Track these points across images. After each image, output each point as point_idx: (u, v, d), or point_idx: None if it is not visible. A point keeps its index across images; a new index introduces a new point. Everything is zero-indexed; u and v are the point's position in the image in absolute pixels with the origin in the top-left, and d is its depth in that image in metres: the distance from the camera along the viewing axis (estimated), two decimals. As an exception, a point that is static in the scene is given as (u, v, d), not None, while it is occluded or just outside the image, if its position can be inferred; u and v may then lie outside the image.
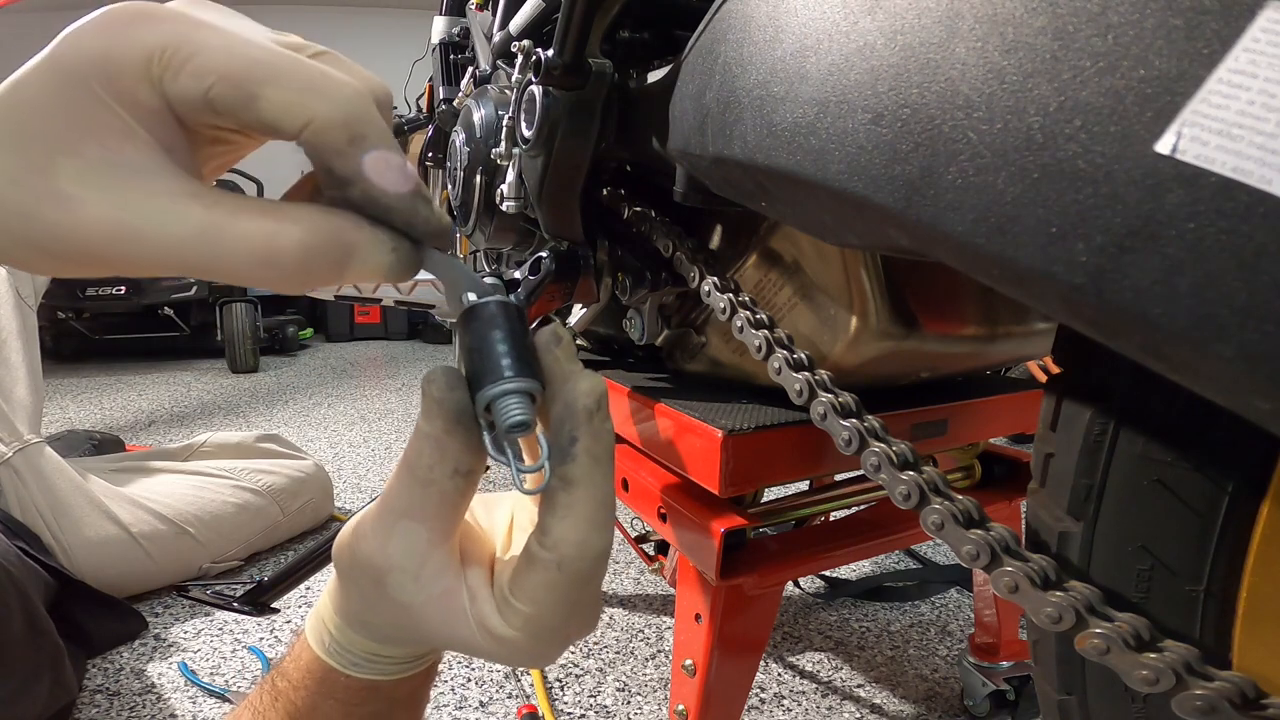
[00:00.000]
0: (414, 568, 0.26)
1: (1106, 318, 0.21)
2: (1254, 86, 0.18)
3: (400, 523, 0.26)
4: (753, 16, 0.34)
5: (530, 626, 0.26)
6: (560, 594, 0.25)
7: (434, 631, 0.27)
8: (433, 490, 0.25)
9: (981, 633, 0.80)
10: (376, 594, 0.27)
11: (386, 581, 0.26)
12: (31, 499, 0.96)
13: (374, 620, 0.28)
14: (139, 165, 0.18)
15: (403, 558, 0.26)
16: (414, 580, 0.26)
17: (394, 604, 0.27)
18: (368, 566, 0.26)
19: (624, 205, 0.57)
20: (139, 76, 0.18)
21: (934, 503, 0.32)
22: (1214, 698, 0.25)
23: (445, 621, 0.26)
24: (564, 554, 0.25)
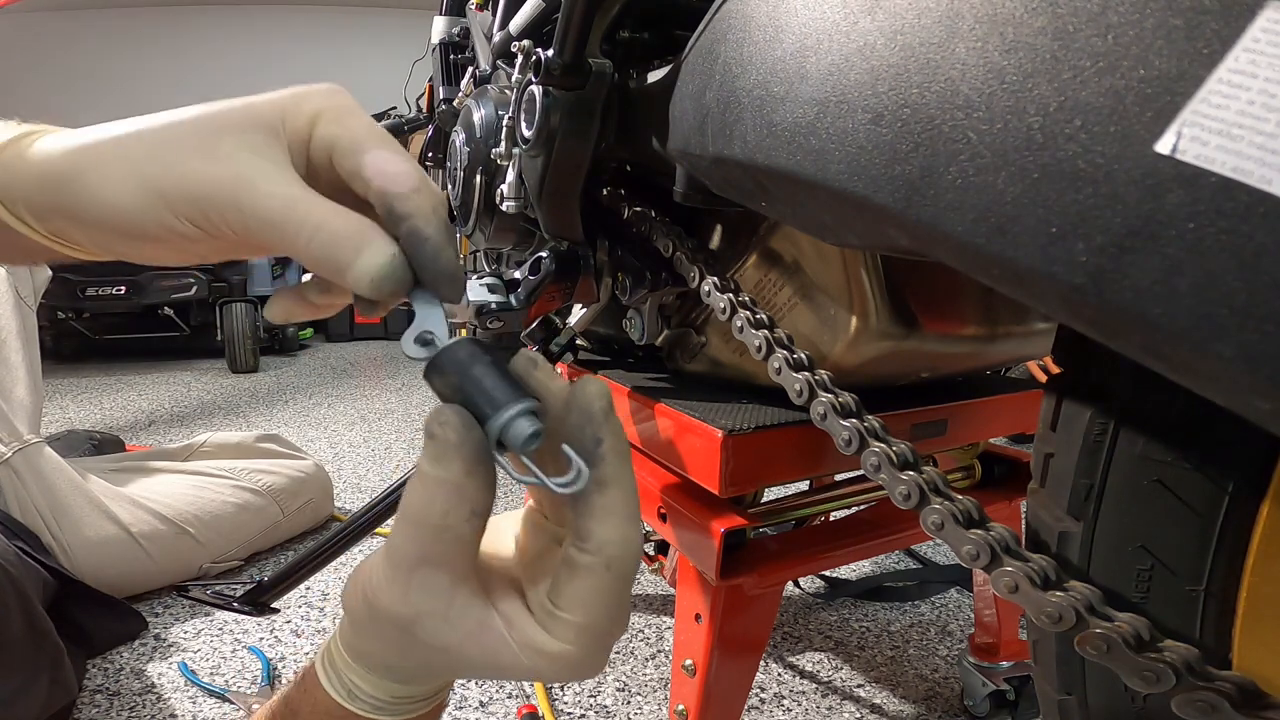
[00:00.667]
0: (442, 610, 0.25)
1: (1106, 318, 0.21)
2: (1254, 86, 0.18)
3: (417, 573, 0.25)
4: (753, 16, 0.34)
5: (583, 636, 0.26)
6: (612, 596, 0.26)
7: (474, 665, 0.26)
8: (448, 536, 0.25)
9: (981, 633, 0.80)
10: (406, 641, 0.26)
11: (415, 630, 0.26)
12: (31, 499, 0.95)
13: (405, 664, 0.28)
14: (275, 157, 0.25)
15: (428, 604, 0.25)
16: (445, 622, 0.26)
17: (427, 648, 0.26)
18: (392, 618, 0.26)
19: (624, 205, 0.57)
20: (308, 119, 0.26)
21: (934, 503, 0.32)
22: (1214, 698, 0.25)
23: (485, 653, 0.26)
24: (611, 554, 0.25)
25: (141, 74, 4.16)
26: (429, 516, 0.24)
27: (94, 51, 4.07)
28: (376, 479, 1.57)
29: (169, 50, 4.18)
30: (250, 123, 0.25)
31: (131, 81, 4.14)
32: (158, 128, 0.25)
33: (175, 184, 0.24)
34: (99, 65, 4.08)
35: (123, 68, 4.13)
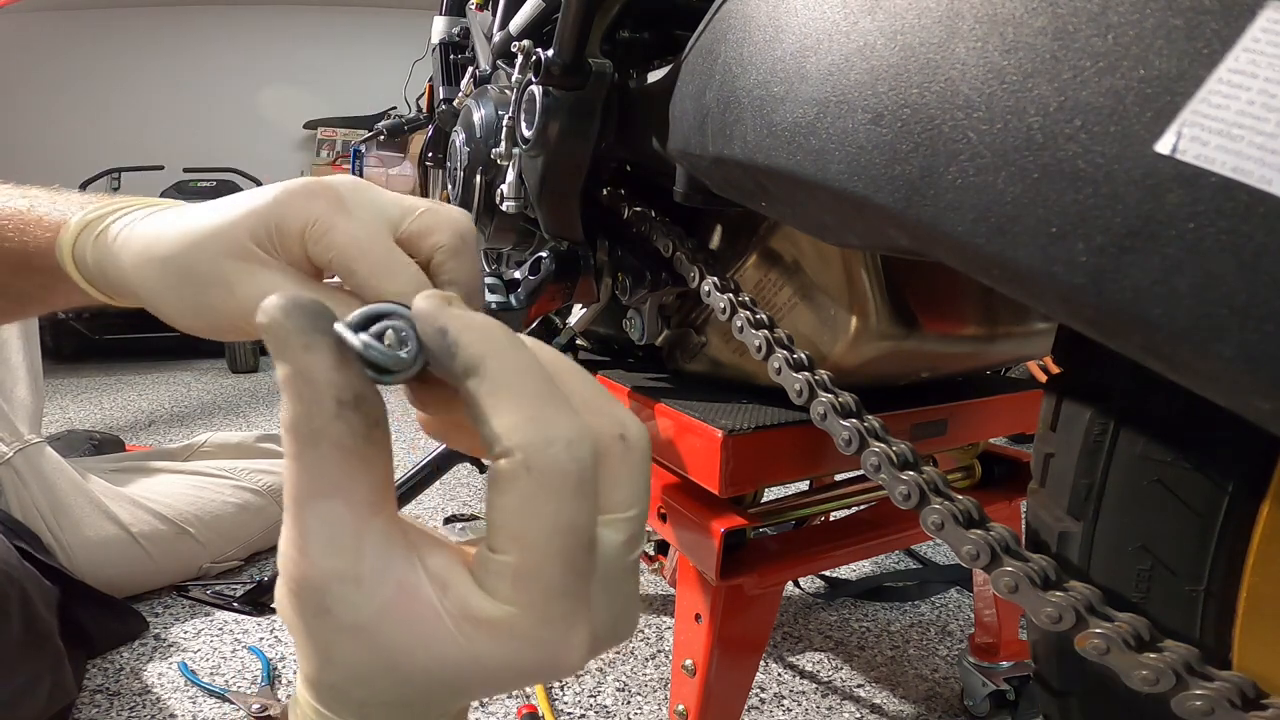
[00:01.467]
0: (349, 564, 0.19)
1: (1106, 318, 0.21)
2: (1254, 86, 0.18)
3: (307, 509, 0.19)
4: (753, 16, 0.34)
5: (523, 585, 0.19)
6: (544, 511, 0.19)
7: (403, 659, 0.20)
8: (324, 445, 0.19)
9: (981, 633, 0.80)
10: (328, 630, 0.20)
11: (330, 604, 0.19)
12: (32, 499, 0.95)
13: (341, 675, 0.21)
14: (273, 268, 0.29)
15: (328, 554, 0.19)
16: (355, 584, 0.19)
17: (349, 636, 0.20)
18: (306, 594, 0.20)
19: (624, 205, 0.57)
20: (296, 237, 0.28)
21: (934, 503, 0.32)
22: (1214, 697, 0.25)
23: (412, 635, 0.19)
24: (519, 445, 0.19)
25: (141, 74, 4.15)
26: (297, 429, 0.19)
27: (94, 51, 4.07)
28: (376, 479, 1.58)
29: (169, 50, 4.17)
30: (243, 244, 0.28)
31: (132, 81, 4.14)
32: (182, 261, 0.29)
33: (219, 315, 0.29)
34: (99, 65, 4.08)
35: (123, 68, 4.13)
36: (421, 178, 1.59)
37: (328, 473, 0.19)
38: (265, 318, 0.19)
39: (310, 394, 0.19)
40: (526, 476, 0.19)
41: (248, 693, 0.82)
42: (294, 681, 0.85)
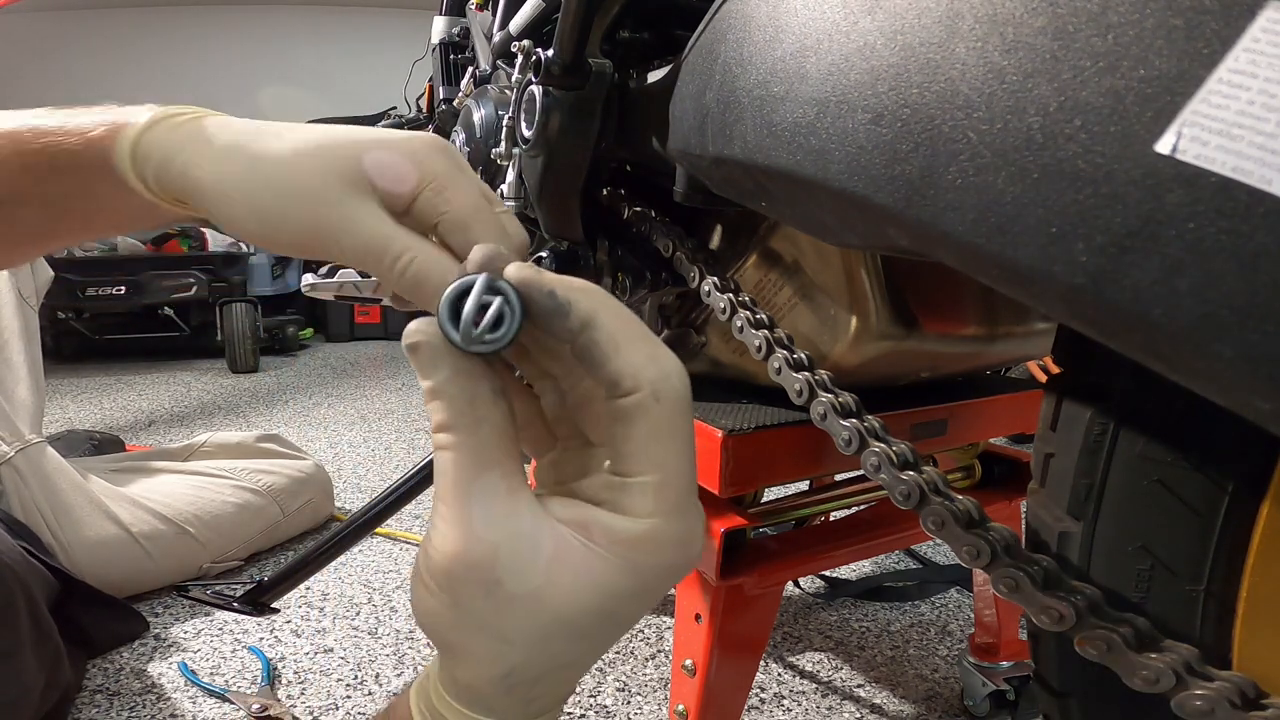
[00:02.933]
0: (513, 529, 0.22)
1: (1106, 318, 0.21)
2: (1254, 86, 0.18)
3: (473, 488, 0.22)
4: (753, 16, 0.34)
5: (663, 495, 0.23)
6: (673, 432, 0.23)
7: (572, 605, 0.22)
8: (485, 427, 0.23)
9: (981, 633, 0.80)
10: (498, 606, 0.22)
11: (499, 575, 0.22)
12: (33, 499, 0.95)
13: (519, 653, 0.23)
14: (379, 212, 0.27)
15: (497, 527, 0.22)
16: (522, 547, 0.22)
17: (522, 605, 0.22)
18: (471, 571, 0.22)
19: (624, 205, 0.57)
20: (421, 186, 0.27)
21: (934, 503, 0.32)
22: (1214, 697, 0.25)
23: (578, 581, 0.22)
24: (650, 380, 0.22)
25: (141, 74, 4.16)
26: (457, 416, 0.23)
27: (94, 51, 4.07)
28: (376, 479, 1.57)
29: (169, 50, 4.18)
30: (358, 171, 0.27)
31: (132, 81, 4.14)
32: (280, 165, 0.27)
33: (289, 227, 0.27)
34: (99, 65, 4.08)
35: (123, 68, 4.13)
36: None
37: (488, 452, 0.23)
38: (418, 338, 0.23)
39: (472, 389, 0.23)
40: (657, 406, 0.22)
41: (248, 693, 0.82)
42: (287, 685, 0.85)
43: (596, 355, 0.23)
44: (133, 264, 2.93)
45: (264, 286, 3.50)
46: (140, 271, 2.89)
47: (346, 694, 0.83)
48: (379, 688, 0.85)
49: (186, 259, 3.04)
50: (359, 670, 0.88)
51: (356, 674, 0.87)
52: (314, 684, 0.85)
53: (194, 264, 3.00)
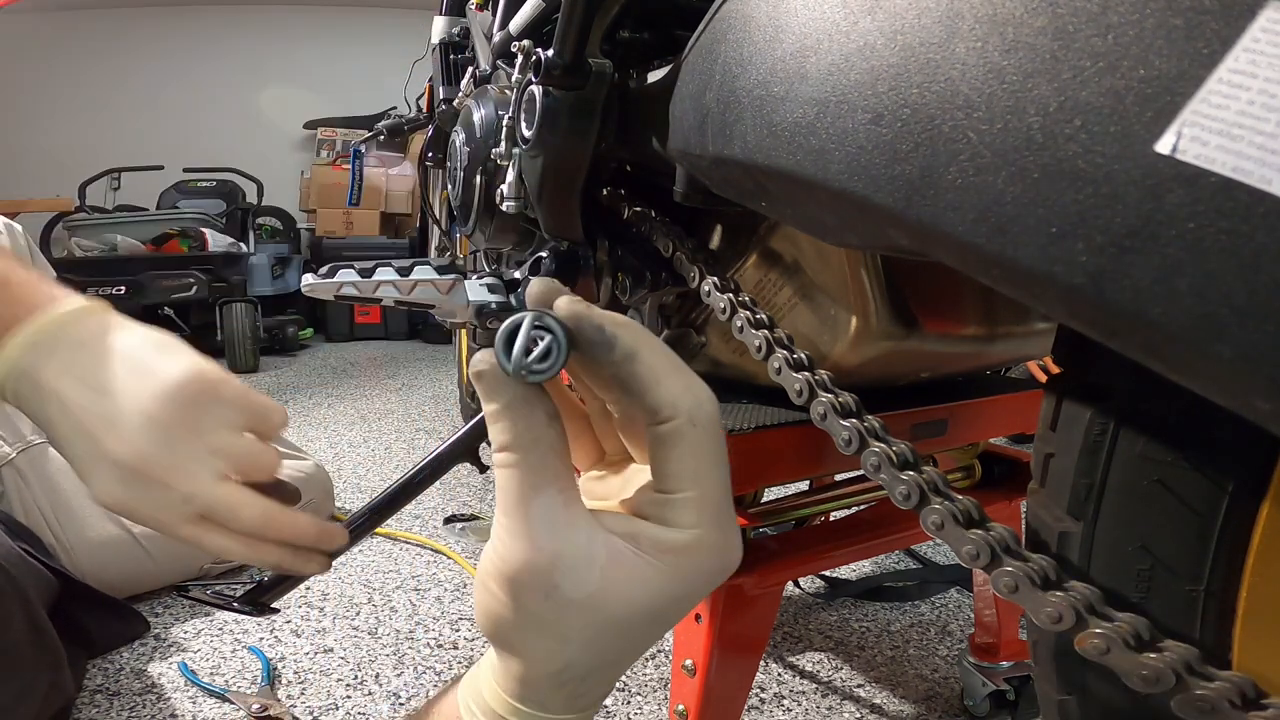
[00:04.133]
0: (569, 539, 0.25)
1: (1106, 318, 0.21)
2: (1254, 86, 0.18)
3: (533, 503, 0.25)
4: (753, 16, 0.34)
5: (703, 509, 0.26)
6: (708, 451, 0.26)
7: (624, 606, 0.25)
8: (541, 446, 0.25)
9: (981, 633, 0.80)
10: (556, 608, 0.25)
11: (558, 580, 0.25)
12: (34, 499, 0.96)
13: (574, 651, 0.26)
14: None
15: (556, 538, 0.25)
16: (578, 555, 0.25)
17: (577, 609, 0.25)
18: (531, 576, 0.25)
19: (624, 205, 0.57)
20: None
21: (934, 503, 0.32)
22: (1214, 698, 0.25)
23: (629, 585, 0.25)
24: (685, 408, 0.25)
25: (141, 74, 4.15)
26: (517, 438, 0.25)
27: (94, 51, 4.07)
28: (376, 479, 1.57)
29: (169, 50, 4.17)
30: None
31: (132, 81, 4.14)
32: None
33: None
34: (99, 65, 4.08)
35: (123, 68, 4.13)
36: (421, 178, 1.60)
37: (546, 469, 0.25)
38: (483, 367, 0.25)
39: (529, 413, 0.25)
40: (693, 430, 0.25)
41: (248, 693, 0.83)
42: (287, 685, 0.85)
43: (638, 386, 0.25)
44: (133, 264, 2.93)
45: (264, 286, 3.50)
46: (140, 271, 2.89)
47: (346, 694, 0.83)
48: (379, 688, 0.85)
49: (186, 259, 3.04)
50: (359, 670, 0.88)
51: (356, 674, 0.87)
52: (314, 684, 0.85)
53: (194, 264, 3.00)
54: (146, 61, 4.16)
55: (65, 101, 4.04)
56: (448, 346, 3.49)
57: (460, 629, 0.98)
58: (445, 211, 1.50)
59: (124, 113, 4.11)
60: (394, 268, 0.55)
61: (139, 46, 4.14)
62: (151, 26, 4.14)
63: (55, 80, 4.04)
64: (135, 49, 4.14)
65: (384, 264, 0.55)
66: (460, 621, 1.00)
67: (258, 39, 4.28)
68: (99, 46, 4.07)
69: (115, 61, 4.12)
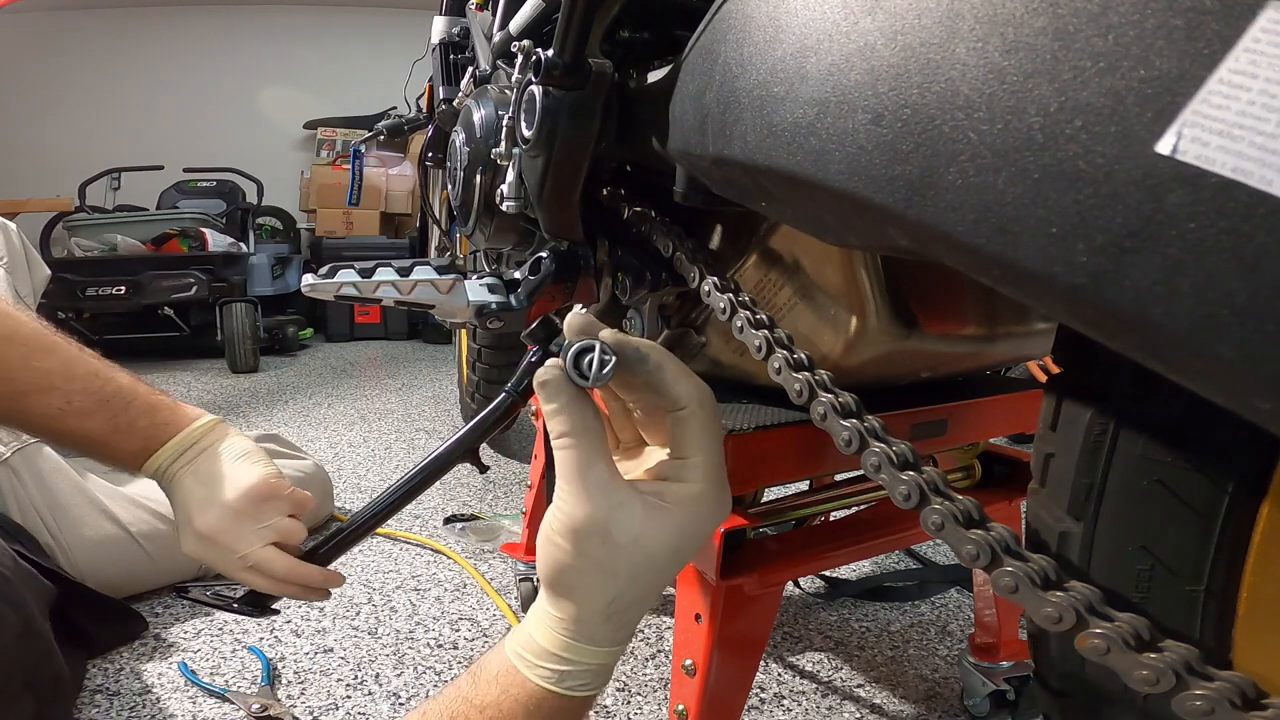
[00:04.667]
0: (616, 499, 0.34)
1: (1107, 318, 0.21)
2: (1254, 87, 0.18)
3: (588, 475, 0.34)
4: (753, 16, 0.34)
5: (708, 468, 0.36)
6: (711, 427, 0.37)
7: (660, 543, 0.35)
8: (591, 435, 0.35)
9: (981, 633, 0.80)
10: (609, 552, 0.34)
11: (611, 530, 0.34)
12: (30, 499, 0.95)
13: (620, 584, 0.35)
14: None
15: (605, 496, 0.34)
16: (624, 511, 0.34)
17: (626, 551, 0.34)
18: (591, 530, 0.34)
19: (624, 205, 0.57)
20: None
21: (934, 503, 0.32)
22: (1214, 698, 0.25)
23: (661, 526, 0.35)
24: (696, 397, 0.36)
25: (141, 74, 4.15)
26: (574, 427, 0.35)
27: (94, 51, 4.07)
28: (376, 479, 1.57)
29: (169, 50, 4.17)
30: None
31: (132, 81, 4.14)
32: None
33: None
34: (99, 65, 4.08)
35: (123, 68, 4.13)
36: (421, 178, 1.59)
37: (596, 449, 0.35)
38: (547, 377, 0.35)
39: (583, 410, 0.35)
40: (701, 413, 0.36)
41: (248, 693, 0.82)
42: (287, 685, 0.86)
43: (663, 386, 0.37)
44: (133, 264, 2.93)
45: (264, 286, 3.50)
46: (140, 271, 2.89)
47: (346, 694, 0.83)
48: (379, 688, 0.85)
49: (186, 259, 3.04)
50: (359, 670, 0.88)
51: (356, 674, 0.87)
52: (314, 684, 0.85)
53: (194, 264, 3.00)
54: (146, 61, 4.16)
55: (65, 101, 4.04)
56: (448, 346, 3.49)
57: (460, 629, 0.98)
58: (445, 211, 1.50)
59: (124, 113, 4.11)
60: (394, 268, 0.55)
61: (139, 46, 4.14)
62: (151, 26, 4.14)
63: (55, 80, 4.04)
64: (135, 49, 4.14)
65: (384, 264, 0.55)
66: (460, 621, 1.00)
67: (258, 39, 4.28)
68: (99, 46, 4.07)
69: (115, 61, 4.11)
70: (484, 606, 1.04)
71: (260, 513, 0.53)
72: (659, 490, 0.36)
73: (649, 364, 0.36)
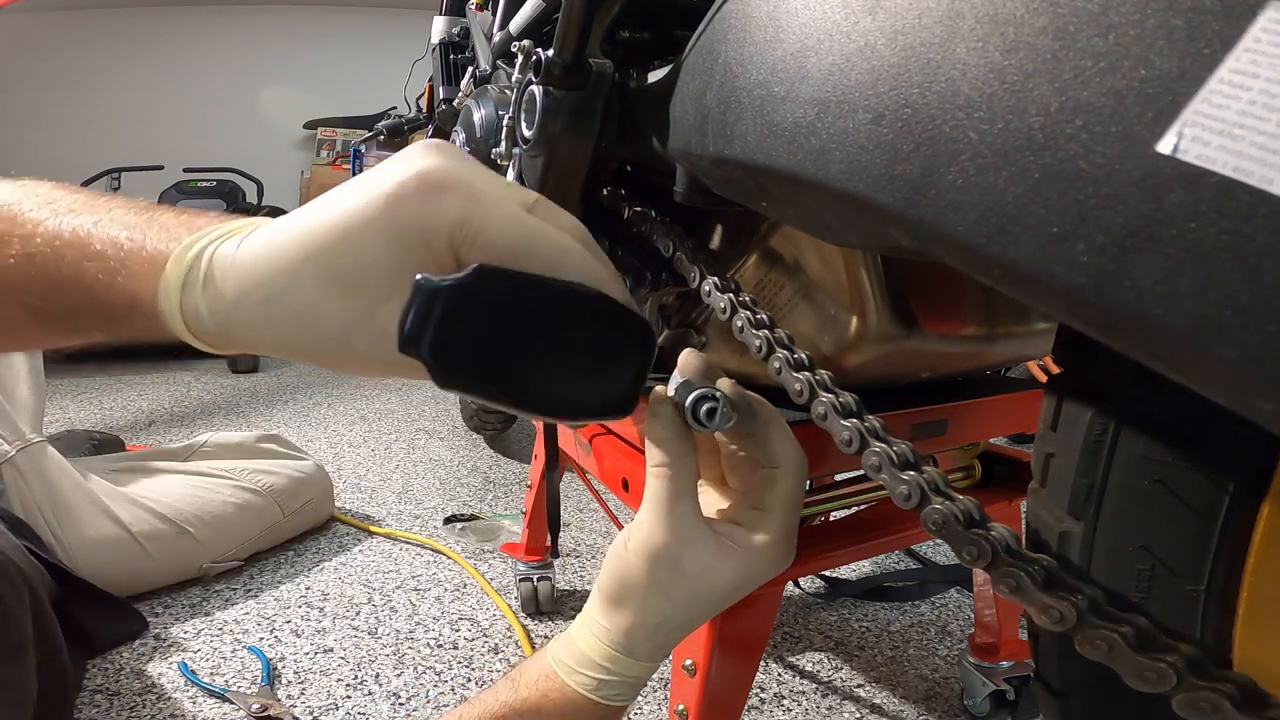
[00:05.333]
0: (697, 534, 0.37)
1: (1107, 318, 0.21)
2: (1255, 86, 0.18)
3: (677, 506, 0.37)
4: (753, 16, 0.34)
5: (782, 525, 0.38)
6: (798, 491, 0.39)
7: (722, 578, 0.37)
8: (686, 470, 0.37)
9: (981, 633, 0.80)
10: (674, 577, 0.37)
11: (683, 559, 0.37)
12: (34, 498, 0.95)
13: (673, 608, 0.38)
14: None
15: (687, 529, 0.37)
16: (700, 545, 0.37)
17: (688, 580, 0.37)
18: (666, 555, 0.37)
19: (624, 205, 0.57)
20: (446, 244, 0.27)
21: (934, 503, 0.32)
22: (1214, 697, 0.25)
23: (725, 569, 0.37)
24: (795, 463, 0.38)
25: (141, 74, 4.15)
26: (673, 461, 0.37)
27: (94, 51, 4.07)
28: (376, 479, 1.57)
29: (169, 50, 4.17)
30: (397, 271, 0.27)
31: (131, 81, 4.14)
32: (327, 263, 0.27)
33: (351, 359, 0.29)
34: (99, 65, 4.08)
35: (123, 68, 4.12)
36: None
37: (687, 483, 0.37)
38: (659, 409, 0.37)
39: (684, 446, 0.37)
40: (792, 476, 0.38)
41: (248, 693, 0.82)
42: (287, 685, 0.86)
43: (766, 444, 0.39)
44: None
45: (264, 286, 3.49)
46: (140, 271, 2.88)
47: (346, 694, 0.83)
48: (379, 688, 0.85)
49: (186, 259, 3.04)
50: (359, 670, 0.88)
51: (356, 674, 0.87)
52: (314, 684, 0.85)
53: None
54: (146, 61, 4.16)
55: (65, 101, 4.04)
56: (448, 346, 3.48)
57: (460, 629, 0.98)
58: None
59: (124, 113, 4.11)
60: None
61: (139, 46, 4.14)
62: (151, 26, 4.14)
63: (55, 80, 4.03)
64: (135, 49, 4.14)
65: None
66: (460, 621, 1.00)
67: (258, 39, 4.28)
68: (99, 46, 4.07)
69: (115, 61, 4.11)
70: (484, 606, 1.04)
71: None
72: (732, 534, 0.38)
73: (759, 421, 0.38)
